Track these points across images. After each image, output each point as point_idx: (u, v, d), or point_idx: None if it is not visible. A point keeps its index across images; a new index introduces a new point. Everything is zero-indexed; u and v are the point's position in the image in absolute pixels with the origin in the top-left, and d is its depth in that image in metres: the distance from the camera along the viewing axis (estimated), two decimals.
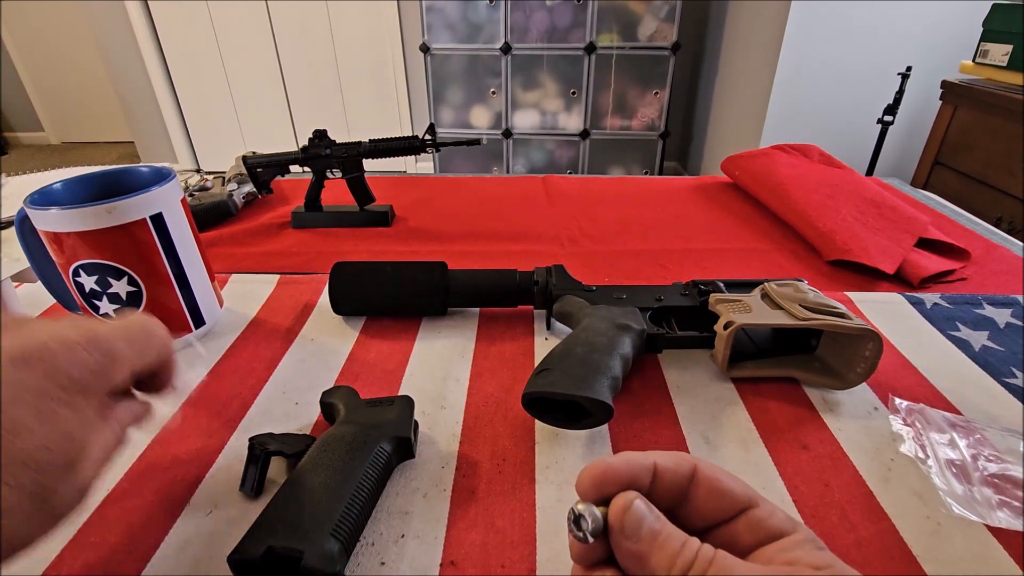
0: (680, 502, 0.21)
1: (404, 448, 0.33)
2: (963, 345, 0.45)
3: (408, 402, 0.34)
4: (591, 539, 0.20)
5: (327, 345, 0.45)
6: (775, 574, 0.18)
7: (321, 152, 0.70)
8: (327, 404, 0.36)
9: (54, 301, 0.49)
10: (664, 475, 0.21)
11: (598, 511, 0.20)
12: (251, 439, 0.32)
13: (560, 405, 0.35)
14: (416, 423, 0.35)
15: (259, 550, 0.24)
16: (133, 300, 0.40)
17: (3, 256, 0.59)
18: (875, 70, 1.84)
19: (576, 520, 0.20)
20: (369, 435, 0.31)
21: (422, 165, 3.15)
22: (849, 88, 1.90)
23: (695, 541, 0.19)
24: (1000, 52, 1.33)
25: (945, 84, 1.47)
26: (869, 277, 0.57)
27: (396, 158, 1.04)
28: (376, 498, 0.30)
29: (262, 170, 0.71)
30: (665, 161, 2.69)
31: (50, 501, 0.20)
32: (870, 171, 1.75)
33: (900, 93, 1.62)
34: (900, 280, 0.57)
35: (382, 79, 2.90)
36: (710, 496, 0.21)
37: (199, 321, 0.45)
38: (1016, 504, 0.30)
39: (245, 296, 0.53)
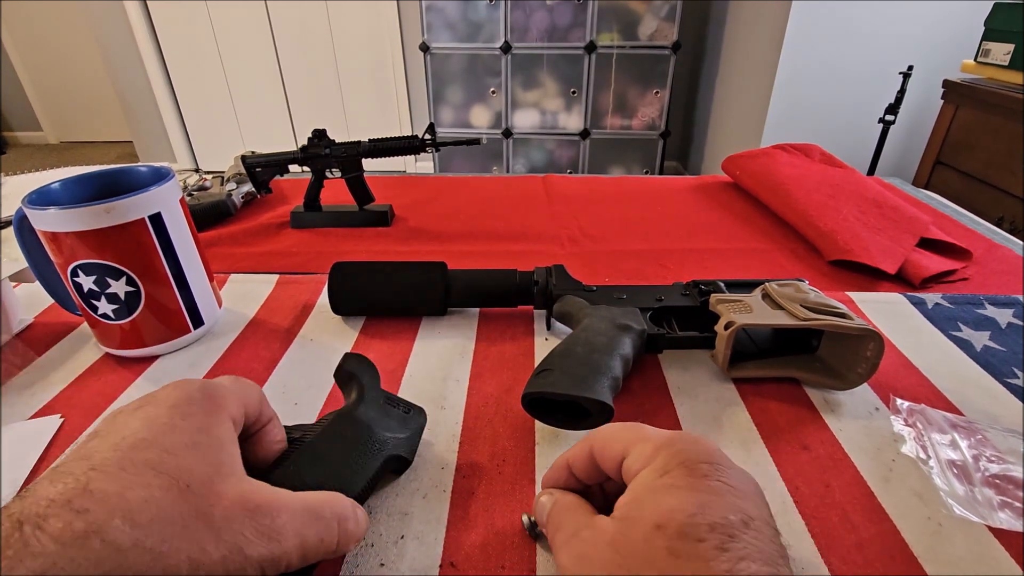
0: (601, 475, 0.26)
1: (401, 465, 0.32)
2: (964, 345, 0.45)
3: (423, 421, 0.34)
4: (537, 535, 0.28)
5: (326, 345, 0.45)
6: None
7: (320, 152, 0.69)
8: (347, 373, 0.33)
9: (52, 301, 0.49)
10: (575, 463, 0.26)
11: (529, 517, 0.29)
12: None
13: (560, 405, 0.34)
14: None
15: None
16: (131, 300, 0.40)
17: (2, 256, 0.59)
18: (876, 69, 1.84)
19: (531, 525, 0.28)
20: (374, 445, 0.29)
21: (422, 165, 3.15)
22: (850, 87, 1.90)
23: (547, 506, 0.26)
24: (1002, 51, 1.33)
25: (947, 83, 1.47)
26: (870, 277, 0.57)
27: (396, 158, 1.04)
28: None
29: (261, 170, 0.71)
30: (665, 161, 2.69)
31: None
32: (871, 171, 1.75)
33: (901, 92, 1.62)
34: (901, 280, 0.56)
35: (382, 79, 2.90)
36: (602, 462, 0.25)
37: (198, 321, 0.45)
38: (1017, 505, 0.30)
39: (244, 296, 0.52)
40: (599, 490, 0.27)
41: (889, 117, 1.66)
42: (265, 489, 0.22)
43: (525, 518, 0.29)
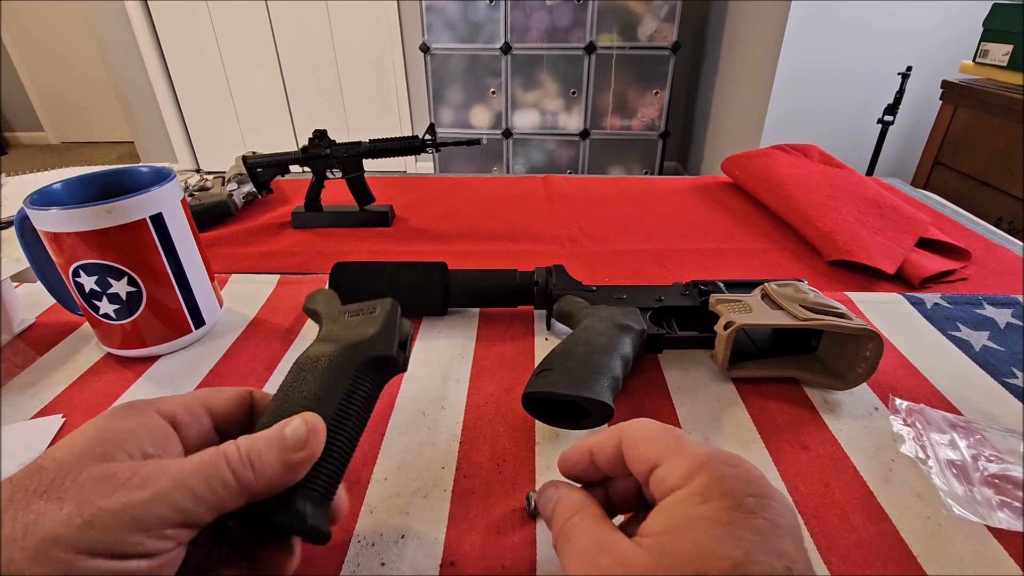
0: (624, 470, 0.24)
1: (389, 367, 0.28)
2: (963, 345, 0.45)
3: (391, 308, 0.29)
4: (535, 515, 0.29)
5: None
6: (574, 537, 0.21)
7: (321, 152, 0.70)
8: (311, 312, 0.32)
9: (54, 301, 0.49)
10: (600, 453, 0.24)
11: (534, 495, 0.28)
12: None
13: (560, 405, 0.34)
14: (408, 327, 0.30)
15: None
16: (133, 300, 0.40)
17: (3, 256, 0.59)
18: (875, 70, 1.84)
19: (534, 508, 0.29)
20: (347, 358, 0.26)
21: (422, 165, 3.15)
22: (849, 88, 1.90)
23: (572, 511, 0.23)
24: (1000, 52, 1.33)
25: (945, 84, 1.47)
26: (869, 277, 0.57)
27: (396, 158, 1.04)
28: (357, 437, 0.26)
29: (262, 170, 0.71)
30: (665, 161, 2.69)
31: None
32: (870, 171, 1.75)
33: (900, 93, 1.62)
34: (900, 280, 0.57)
35: (382, 79, 2.90)
36: (630, 461, 0.23)
37: (199, 321, 0.45)
38: (1016, 504, 0.30)
39: (245, 296, 0.53)
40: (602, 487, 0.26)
41: (888, 117, 1.66)
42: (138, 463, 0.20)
43: (530, 496, 0.30)
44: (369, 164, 0.72)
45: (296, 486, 0.23)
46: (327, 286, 0.47)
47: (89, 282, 0.39)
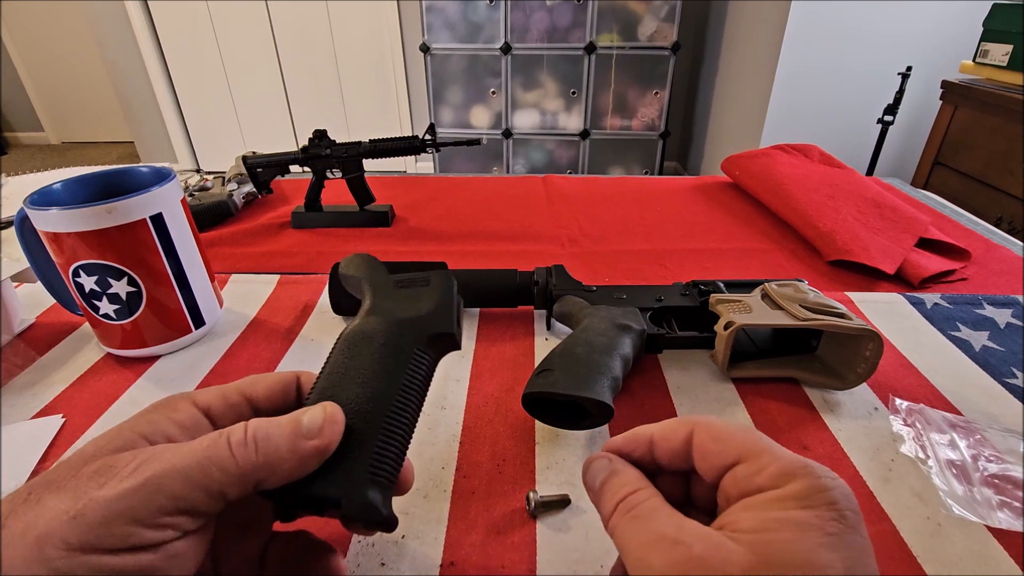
0: (685, 464, 0.22)
1: (448, 344, 0.26)
2: (963, 345, 0.45)
3: (447, 279, 0.27)
4: (535, 515, 0.30)
5: (327, 345, 0.45)
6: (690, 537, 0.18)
7: (321, 152, 0.70)
8: (349, 278, 0.28)
9: (54, 301, 0.49)
10: (662, 443, 0.22)
11: (535, 495, 0.30)
12: None
13: (560, 405, 0.35)
14: (460, 302, 0.28)
15: (295, 496, 0.21)
16: (133, 300, 0.40)
17: (3, 256, 0.59)
18: (875, 70, 1.84)
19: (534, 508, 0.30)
20: (404, 335, 0.24)
21: (422, 165, 3.15)
22: (849, 88, 1.90)
23: (632, 486, 0.21)
24: (1000, 52, 1.33)
25: (945, 84, 1.47)
26: (869, 277, 0.57)
27: (396, 158, 1.04)
28: (416, 418, 0.24)
29: (262, 170, 0.71)
30: (665, 161, 2.69)
31: None
32: (870, 171, 1.75)
33: (900, 93, 1.62)
34: (900, 280, 0.57)
35: (382, 79, 2.90)
36: (702, 456, 0.21)
37: (199, 321, 0.45)
38: (1016, 505, 0.30)
39: (245, 296, 0.53)
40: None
41: (888, 117, 1.66)
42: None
43: (531, 496, 0.30)
44: (369, 164, 0.72)
45: (366, 476, 0.21)
46: (327, 286, 0.47)
47: (89, 282, 0.39)
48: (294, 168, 0.73)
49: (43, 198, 0.40)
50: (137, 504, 0.17)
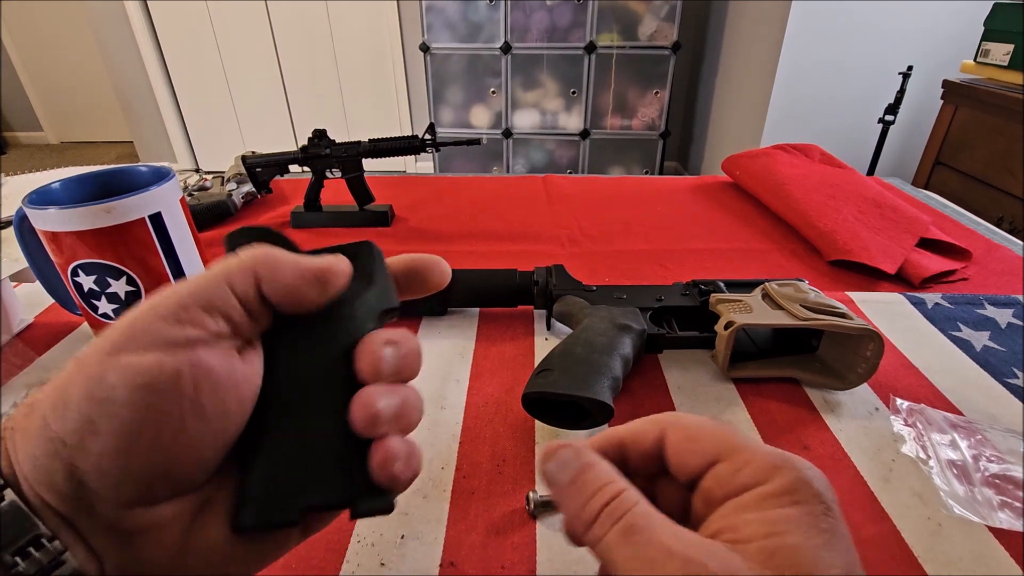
0: (657, 466, 0.21)
1: (391, 319, 0.23)
2: (964, 345, 0.45)
3: (369, 256, 0.23)
4: (535, 516, 0.30)
5: None
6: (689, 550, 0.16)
7: (321, 152, 0.69)
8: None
9: (53, 301, 0.49)
10: (634, 447, 0.21)
11: (535, 495, 0.30)
12: None
13: (560, 405, 0.34)
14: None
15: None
16: (132, 300, 0.40)
17: (2, 256, 0.59)
18: (876, 69, 1.84)
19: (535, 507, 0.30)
20: (353, 318, 0.21)
21: (422, 165, 3.15)
22: (850, 87, 1.90)
23: (615, 486, 0.18)
24: (1001, 52, 1.33)
25: (946, 84, 1.47)
26: (870, 277, 0.57)
27: (396, 158, 1.04)
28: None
29: (261, 170, 0.71)
30: (665, 161, 2.69)
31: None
32: (871, 171, 1.75)
33: (901, 92, 1.62)
34: (901, 280, 0.57)
35: (382, 79, 2.90)
36: (677, 457, 0.20)
37: None
38: (1017, 505, 0.30)
39: None
40: None
41: (889, 117, 1.66)
42: None
43: (530, 496, 0.30)
44: (369, 164, 0.72)
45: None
46: None
47: (88, 281, 0.39)
48: (293, 168, 0.72)
49: (42, 197, 0.40)
50: (159, 303, 0.17)
